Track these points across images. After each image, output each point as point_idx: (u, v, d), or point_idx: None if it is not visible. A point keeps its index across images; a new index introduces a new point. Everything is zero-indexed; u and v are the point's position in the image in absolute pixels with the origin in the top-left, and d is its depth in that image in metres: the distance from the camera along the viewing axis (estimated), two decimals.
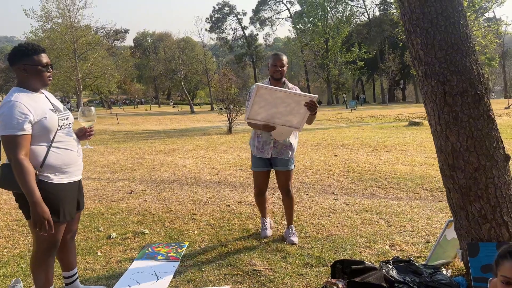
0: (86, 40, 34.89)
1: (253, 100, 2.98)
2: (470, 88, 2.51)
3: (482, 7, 32.55)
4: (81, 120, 2.58)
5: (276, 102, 3.00)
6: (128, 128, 19.97)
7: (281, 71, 3.47)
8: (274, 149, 3.55)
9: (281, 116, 3.11)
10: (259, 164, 3.64)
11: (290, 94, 3.03)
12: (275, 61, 3.47)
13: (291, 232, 3.68)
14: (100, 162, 8.75)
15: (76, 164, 2.41)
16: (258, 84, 2.91)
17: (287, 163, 3.60)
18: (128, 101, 65.00)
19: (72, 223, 2.57)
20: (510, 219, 2.52)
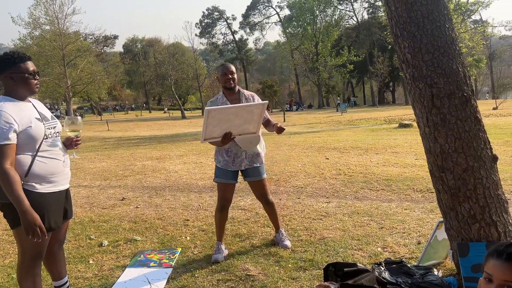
0: (75, 47, 34.71)
1: (206, 123, 2.92)
2: (457, 90, 2.55)
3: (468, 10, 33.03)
4: (67, 130, 2.56)
5: (229, 117, 2.99)
6: (118, 134, 19.86)
7: (232, 79, 3.39)
8: (246, 160, 3.46)
9: (236, 128, 3.09)
10: (228, 176, 3.44)
11: (242, 106, 3.04)
12: (224, 71, 3.40)
13: (282, 236, 3.65)
14: (90, 169, 8.68)
15: (62, 173, 2.39)
16: (208, 108, 2.86)
17: (260, 172, 3.51)
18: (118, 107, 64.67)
19: (59, 232, 2.54)
20: (499, 219, 2.56)
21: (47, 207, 2.29)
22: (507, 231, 2.57)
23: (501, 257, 1.48)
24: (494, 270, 1.47)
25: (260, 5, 59.73)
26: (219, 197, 3.51)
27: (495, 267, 1.47)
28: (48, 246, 2.46)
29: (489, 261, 1.51)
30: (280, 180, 6.57)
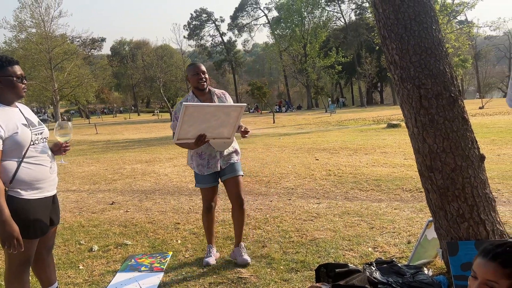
0: (62, 50, 34.38)
1: (181, 120, 2.79)
2: (444, 91, 2.58)
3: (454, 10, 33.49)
4: (57, 135, 2.53)
5: (206, 117, 2.87)
6: (107, 138, 19.69)
7: (205, 78, 3.25)
8: (222, 159, 3.33)
9: (212, 130, 2.98)
10: (207, 180, 3.34)
11: (220, 107, 2.96)
12: (196, 70, 3.23)
13: (242, 250, 3.34)
14: (79, 174, 8.59)
15: (49, 179, 2.35)
16: (186, 104, 2.73)
17: (236, 168, 3.37)
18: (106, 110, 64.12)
19: (47, 238, 2.51)
20: (487, 217, 2.60)
21: (33, 214, 2.26)
22: (495, 229, 2.61)
23: (487, 256, 1.51)
24: (479, 268, 1.50)
25: (248, 6, 59.77)
26: (203, 200, 3.46)
27: (479, 265, 1.51)
28: (37, 253, 2.42)
29: (476, 258, 1.54)
30: (270, 181, 6.58)
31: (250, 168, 7.90)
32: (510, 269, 1.44)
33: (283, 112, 41.06)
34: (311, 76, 44.15)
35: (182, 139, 2.98)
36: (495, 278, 1.46)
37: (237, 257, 3.31)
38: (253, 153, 10.25)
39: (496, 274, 1.46)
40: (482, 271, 1.49)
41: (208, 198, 3.41)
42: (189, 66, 3.34)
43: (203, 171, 3.31)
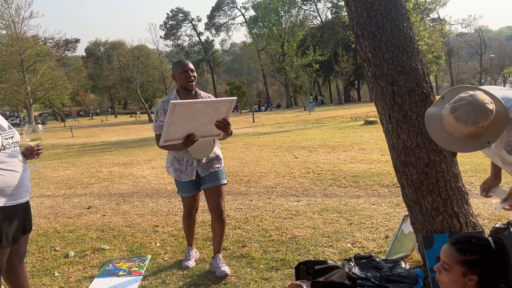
0: (34, 51, 33.42)
1: (169, 121, 2.59)
2: (417, 87, 2.63)
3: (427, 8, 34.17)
4: (27, 139, 2.45)
5: (195, 115, 2.68)
6: (83, 141, 19.29)
7: (194, 77, 3.03)
8: (200, 167, 3.11)
9: (201, 128, 2.79)
10: (187, 189, 3.17)
11: (209, 102, 2.74)
12: (184, 68, 3.00)
13: (219, 262, 3.16)
14: (54, 178, 8.39)
15: (21, 185, 2.28)
16: (174, 102, 2.51)
17: (218, 176, 3.15)
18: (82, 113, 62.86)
19: (19, 246, 2.43)
20: (460, 210, 2.66)
21: (5, 222, 2.19)
22: (468, 222, 2.67)
23: (450, 241, 1.59)
24: (442, 251, 1.59)
25: (225, 6, 59.57)
26: (184, 207, 3.34)
27: (443, 249, 1.58)
28: (8, 261, 2.35)
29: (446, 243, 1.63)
30: (250, 181, 6.57)
31: (230, 167, 7.87)
32: (465, 257, 1.51)
33: (262, 111, 41.11)
34: (290, 74, 44.34)
35: (170, 140, 2.78)
36: (450, 262, 1.53)
37: (215, 269, 3.13)
38: (233, 152, 10.22)
39: (452, 258, 1.53)
40: (443, 253, 1.58)
41: (189, 206, 3.29)
42: (177, 63, 3.10)
43: (181, 177, 3.15)
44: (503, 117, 1.79)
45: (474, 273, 1.50)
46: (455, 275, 1.53)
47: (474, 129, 1.74)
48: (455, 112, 1.75)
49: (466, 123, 1.72)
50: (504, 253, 1.52)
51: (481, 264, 1.50)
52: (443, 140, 1.88)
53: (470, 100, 1.73)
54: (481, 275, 1.50)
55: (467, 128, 1.74)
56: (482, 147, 1.81)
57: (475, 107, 1.71)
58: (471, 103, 1.72)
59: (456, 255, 1.53)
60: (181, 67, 3.01)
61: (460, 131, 1.77)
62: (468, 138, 1.80)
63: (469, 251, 1.52)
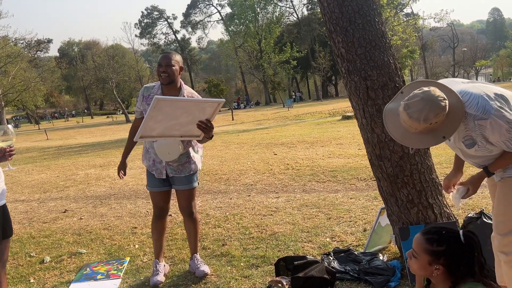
0: (4, 52, 32.48)
1: (149, 115, 2.43)
2: (389, 82, 2.67)
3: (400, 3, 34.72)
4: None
5: (176, 113, 2.51)
6: (58, 143, 18.86)
7: (169, 72, 2.80)
8: (169, 167, 2.95)
9: (180, 127, 2.63)
10: (155, 184, 3.01)
11: (196, 102, 2.59)
12: (160, 61, 2.83)
13: (197, 262, 3.10)
14: (28, 182, 8.17)
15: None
16: (158, 97, 2.36)
17: (188, 181, 3.00)
18: (57, 115, 61.47)
19: (0, 252, 2.36)
20: (435, 201, 2.71)
21: None
22: (442, 212, 2.73)
23: (422, 231, 1.64)
24: (414, 240, 1.65)
25: (201, 3, 59.11)
26: (153, 204, 3.13)
27: (414, 238, 1.65)
28: None
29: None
30: (230, 179, 6.55)
31: (209, 166, 7.83)
32: (432, 247, 1.56)
33: (241, 109, 41.08)
34: (268, 71, 44.45)
35: (146, 137, 2.62)
36: (418, 250, 1.59)
37: (194, 270, 3.08)
38: (212, 151, 10.17)
39: (420, 247, 1.59)
40: (414, 241, 1.65)
41: (156, 203, 3.08)
42: (160, 55, 2.94)
43: (151, 169, 3.02)
44: (459, 111, 1.80)
45: (439, 263, 1.55)
46: (422, 263, 1.59)
47: (427, 125, 1.75)
48: (408, 109, 1.76)
49: (418, 120, 1.74)
50: (472, 246, 1.56)
51: (446, 255, 1.54)
52: (401, 136, 1.89)
53: (422, 97, 1.74)
54: (447, 266, 1.54)
55: (419, 125, 1.75)
56: (437, 142, 1.83)
57: (427, 104, 1.72)
58: (423, 100, 1.73)
59: (424, 244, 1.58)
60: (159, 60, 2.86)
61: (414, 127, 1.78)
62: (424, 134, 1.81)
63: (437, 241, 1.56)
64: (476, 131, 1.83)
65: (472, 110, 1.81)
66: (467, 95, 1.84)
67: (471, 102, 1.82)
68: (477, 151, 1.91)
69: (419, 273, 1.65)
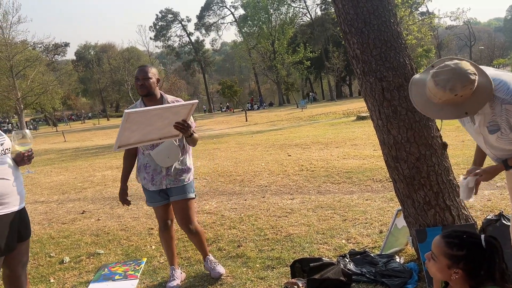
0: (23, 57, 33.13)
1: (123, 127, 2.48)
2: (405, 83, 2.64)
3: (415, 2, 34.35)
4: (15, 145, 2.42)
5: (151, 120, 2.57)
6: (76, 145, 19.18)
7: (146, 85, 2.84)
8: (168, 178, 2.94)
9: (157, 131, 2.68)
10: (155, 198, 2.99)
11: (167, 108, 2.61)
12: (136, 75, 2.88)
13: (211, 263, 3.13)
14: (47, 184, 8.33)
15: (13, 193, 2.25)
16: (128, 111, 2.41)
17: (184, 190, 2.97)
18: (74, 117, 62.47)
19: (21, 254, 2.40)
20: (452, 203, 2.68)
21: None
22: (460, 214, 2.70)
23: (442, 234, 1.62)
24: (433, 242, 1.62)
25: (214, 5, 59.36)
26: (157, 218, 3.12)
27: (434, 240, 1.62)
28: (11, 269, 2.33)
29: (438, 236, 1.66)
30: (244, 180, 6.57)
31: (224, 167, 7.87)
32: (452, 251, 1.54)
33: (255, 110, 41.12)
34: (281, 72, 44.40)
35: (124, 146, 2.68)
36: (437, 253, 1.57)
37: (210, 271, 3.12)
38: (226, 152, 10.22)
39: (439, 250, 1.57)
40: (433, 243, 1.62)
41: (161, 216, 3.06)
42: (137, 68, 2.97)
43: (148, 186, 2.98)
44: (487, 91, 1.80)
45: (459, 268, 1.52)
46: (441, 266, 1.56)
47: (452, 96, 1.75)
48: (436, 77, 1.77)
49: (444, 89, 1.75)
50: (493, 252, 1.53)
51: (466, 260, 1.52)
52: (422, 105, 1.91)
53: (453, 67, 1.75)
54: (466, 270, 1.52)
55: (444, 94, 1.76)
56: (458, 116, 1.83)
57: (456, 74, 1.73)
58: (453, 70, 1.74)
59: (444, 247, 1.56)
60: (136, 74, 2.91)
61: (439, 96, 1.79)
62: (447, 105, 1.82)
63: (457, 246, 1.54)
64: (502, 116, 1.83)
65: (502, 94, 1.82)
66: (498, 79, 1.85)
67: (501, 87, 1.82)
68: (498, 139, 1.90)
69: (437, 276, 1.63)
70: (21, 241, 2.37)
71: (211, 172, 7.50)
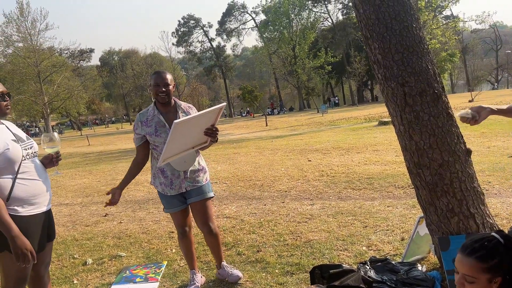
0: (50, 62, 34.18)
1: (170, 140, 2.50)
2: (428, 88, 2.60)
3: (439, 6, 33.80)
4: (45, 147, 2.52)
5: (191, 129, 2.62)
6: (99, 149, 19.58)
7: (166, 91, 2.81)
8: (187, 180, 2.94)
9: (191, 140, 2.72)
10: (173, 204, 2.97)
11: (203, 114, 2.62)
12: (156, 80, 2.81)
13: (228, 268, 3.13)
14: (72, 187, 8.54)
15: (43, 194, 2.33)
16: (177, 122, 2.42)
17: (203, 190, 2.97)
18: (98, 121, 63.84)
19: (45, 254, 2.48)
20: (477, 211, 2.61)
21: (32, 230, 2.24)
22: (485, 222, 2.63)
23: (464, 251, 1.53)
24: (458, 264, 1.53)
25: (236, 11, 59.87)
26: (175, 224, 3.10)
27: (458, 261, 1.53)
28: (35, 269, 2.40)
29: (457, 254, 1.57)
30: (264, 185, 6.58)
31: (244, 172, 7.89)
32: (487, 264, 1.46)
33: (275, 115, 41.13)
34: (302, 77, 44.32)
35: (167, 158, 2.69)
36: (473, 273, 1.47)
37: (227, 277, 3.10)
38: (246, 157, 10.25)
39: (473, 269, 1.47)
40: (461, 266, 1.51)
41: (179, 223, 3.04)
42: (152, 74, 2.91)
43: (166, 191, 2.95)
44: None
45: (498, 276, 1.46)
46: (482, 284, 1.47)
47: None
48: None
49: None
50: None
51: (502, 265, 1.46)
52: None
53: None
54: (504, 275, 1.46)
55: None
56: None
57: None
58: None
59: (478, 265, 1.47)
60: (154, 79, 2.84)
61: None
62: None
63: (488, 256, 1.46)
64: None
65: None
66: None
67: None
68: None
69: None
70: (49, 241, 2.45)
71: (231, 177, 7.53)
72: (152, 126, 2.87)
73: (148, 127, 2.88)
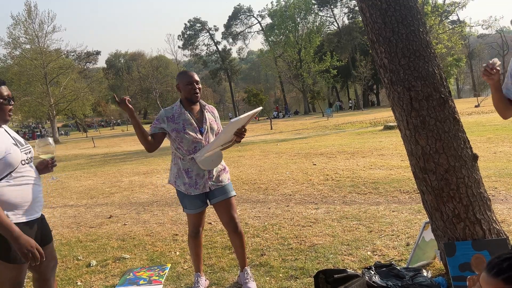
0: (57, 64, 34.45)
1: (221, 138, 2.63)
2: (434, 92, 2.59)
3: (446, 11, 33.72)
4: (39, 153, 2.43)
5: (234, 128, 2.69)
6: (105, 151, 19.66)
7: (199, 89, 2.92)
8: (211, 180, 2.94)
9: (224, 139, 2.78)
10: (196, 204, 2.95)
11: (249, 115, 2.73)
12: (189, 80, 2.87)
13: (246, 276, 3.05)
14: (77, 188, 8.56)
15: (36, 200, 2.27)
16: (234, 121, 2.53)
17: (227, 189, 3.00)
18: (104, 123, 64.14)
19: (47, 258, 2.45)
20: (483, 217, 2.59)
21: None
22: (491, 228, 2.60)
23: (491, 271, 1.47)
24: (483, 282, 1.47)
25: (242, 15, 60.07)
26: (190, 225, 3.08)
27: (483, 279, 1.46)
28: (41, 273, 2.38)
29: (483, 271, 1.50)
30: (268, 188, 6.56)
31: (248, 175, 7.89)
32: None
33: (280, 118, 41.12)
34: (307, 81, 44.33)
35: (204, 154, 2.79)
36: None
37: (242, 284, 3.06)
38: (251, 160, 10.24)
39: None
40: (485, 285, 1.46)
41: (195, 223, 3.04)
42: (181, 74, 2.95)
43: (190, 191, 2.93)
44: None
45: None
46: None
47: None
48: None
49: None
50: None
51: None
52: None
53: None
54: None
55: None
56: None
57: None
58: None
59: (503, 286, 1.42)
60: (186, 79, 2.88)
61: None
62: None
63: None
64: None
65: None
66: None
67: None
68: None
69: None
70: (45, 244, 2.42)
71: (235, 180, 7.52)
72: (180, 123, 2.88)
73: (174, 123, 2.90)
